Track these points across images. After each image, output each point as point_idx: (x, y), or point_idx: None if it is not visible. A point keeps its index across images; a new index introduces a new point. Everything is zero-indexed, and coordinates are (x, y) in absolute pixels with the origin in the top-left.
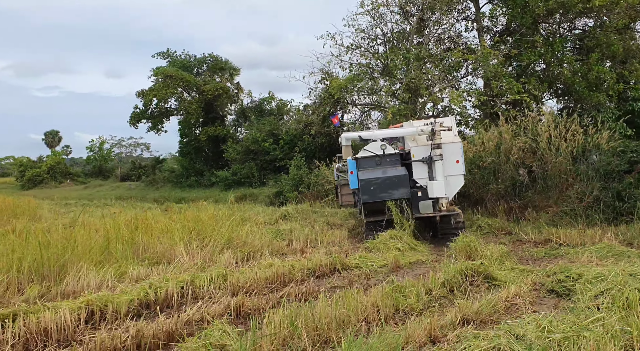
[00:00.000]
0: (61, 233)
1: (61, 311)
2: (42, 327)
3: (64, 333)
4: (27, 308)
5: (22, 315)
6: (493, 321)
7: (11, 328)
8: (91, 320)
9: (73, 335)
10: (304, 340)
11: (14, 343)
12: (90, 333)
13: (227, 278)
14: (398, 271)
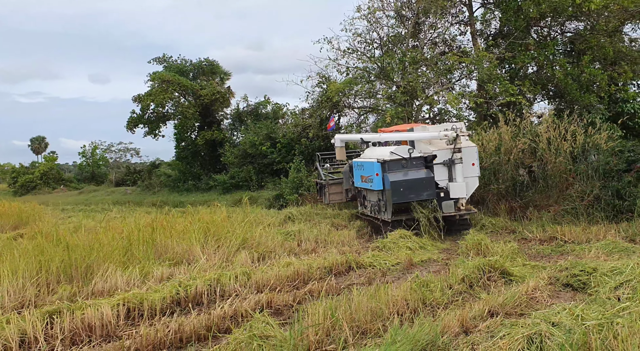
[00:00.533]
0: (85, 235)
1: (102, 308)
2: (87, 323)
3: (107, 328)
4: (70, 306)
5: (66, 312)
6: (517, 313)
7: (59, 324)
8: (129, 317)
9: (115, 330)
10: (345, 330)
11: (62, 337)
12: (130, 328)
13: (250, 276)
14: (412, 269)
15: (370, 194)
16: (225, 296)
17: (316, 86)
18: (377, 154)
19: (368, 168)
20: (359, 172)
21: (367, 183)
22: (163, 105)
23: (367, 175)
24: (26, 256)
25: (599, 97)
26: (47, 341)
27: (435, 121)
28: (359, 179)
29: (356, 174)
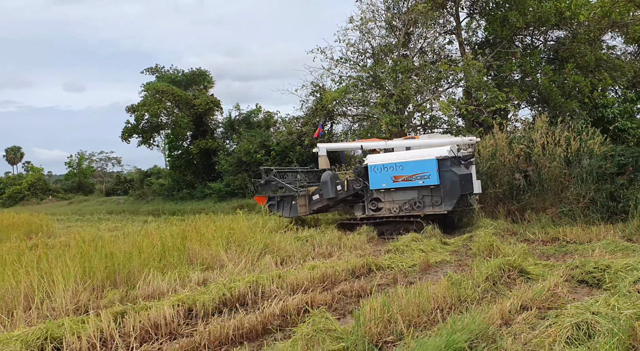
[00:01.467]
0: (125, 243)
1: (163, 308)
2: (153, 322)
3: (170, 327)
4: (133, 307)
5: (132, 312)
6: (546, 307)
7: (131, 323)
8: (186, 316)
9: (177, 328)
10: (400, 323)
11: (136, 335)
12: (189, 327)
13: (284, 279)
14: (429, 270)
15: (401, 193)
16: (265, 297)
17: (310, 95)
18: (386, 157)
19: (416, 167)
20: (390, 173)
21: (412, 180)
22: (157, 115)
23: (411, 174)
24: (73, 263)
25: (581, 103)
26: (121, 338)
27: (426, 128)
28: (388, 181)
29: (380, 177)
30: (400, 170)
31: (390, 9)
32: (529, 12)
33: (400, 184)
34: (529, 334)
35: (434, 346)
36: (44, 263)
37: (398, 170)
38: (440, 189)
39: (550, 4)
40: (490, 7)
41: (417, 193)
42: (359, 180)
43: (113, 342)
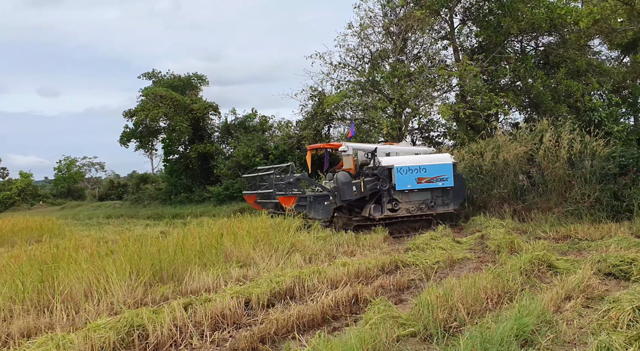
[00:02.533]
0: (169, 241)
1: (226, 300)
2: (220, 312)
3: (234, 317)
4: (197, 299)
5: (197, 304)
6: (585, 297)
7: (201, 313)
8: (245, 308)
9: (239, 318)
10: (461, 310)
11: (208, 323)
12: (251, 317)
13: (323, 274)
14: (454, 266)
15: (418, 194)
16: (309, 291)
17: (309, 99)
18: (407, 160)
19: (436, 170)
20: (415, 175)
21: (434, 182)
22: (157, 119)
23: (433, 176)
24: (123, 261)
25: (570, 107)
26: (194, 326)
27: (423, 131)
28: (413, 182)
29: (405, 179)
30: (423, 172)
31: (387, 15)
32: (522, 19)
33: (423, 185)
34: (581, 320)
35: (508, 329)
36: (97, 261)
37: (422, 172)
38: (450, 190)
39: (542, 11)
40: (483, 14)
41: (430, 194)
42: (384, 180)
43: (187, 330)
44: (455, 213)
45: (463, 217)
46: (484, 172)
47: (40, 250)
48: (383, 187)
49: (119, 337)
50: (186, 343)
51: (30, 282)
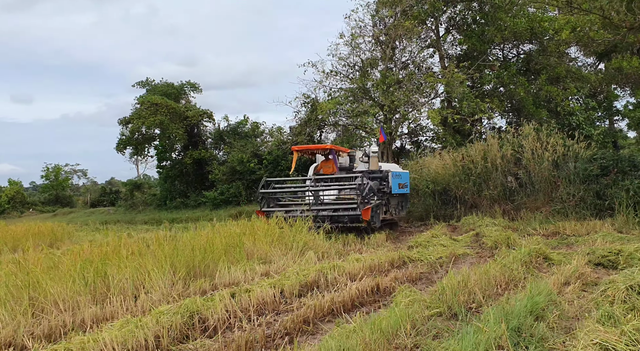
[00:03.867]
0: (199, 240)
1: (266, 289)
2: (261, 300)
3: (273, 304)
4: (239, 289)
5: (240, 293)
6: (582, 282)
7: (246, 300)
8: (282, 296)
9: (277, 305)
10: (478, 294)
11: (255, 308)
12: (287, 304)
13: (341, 269)
14: (457, 261)
15: (396, 198)
16: (332, 283)
17: (302, 106)
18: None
19: (405, 176)
20: (397, 180)
21: (404, 188)
22: (153, 127)
23: (403, 182)
24: (163, 257)
25: (549, 112)
26: (242, 312)
27: (412, 135)
28: (396, 187)
29: (394, 183)
30: (400, 178)
31: (376, 24)
32: (505, 28)
33: (401, 190)
34: (580, 300)
35: (522, 307)
36: (138, 259)
37: (400, 178)
38: (407, 196)
39: (523, 20)
40: (467, 23)
41: (398, 199)
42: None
43: (236, 315)
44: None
45: (456, 217)
46: (475, 175)
47: (82, 251)
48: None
49: (182, 320)
50: (238, 326)
51: (87, 277)
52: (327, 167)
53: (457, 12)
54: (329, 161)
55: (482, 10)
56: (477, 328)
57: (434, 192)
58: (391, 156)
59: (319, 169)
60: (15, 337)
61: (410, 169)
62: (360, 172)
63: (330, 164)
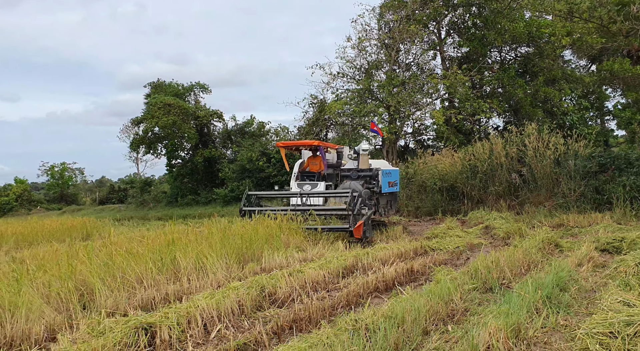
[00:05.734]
0: (246, 230)
1: (317, 271)
2: (313, 279)
3: (323, 283)
4: (292, 270)
5: (297, 273)
6: (592, 265)
7: (303, 278)
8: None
9: (327, 285)
10: (507, 272)
11: (310, 286)
12: (335, 284)
13: (373, 255)
14: (474, 249)
15: (385, 197)
16: (367, 268)
17: (309, 106)
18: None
19: (394, 174)
20: (387, 179)
21: (394, 187)
22: (166, 127)
23: (393, 180)
24: (218, 244)
25: (545, 112)
26: (301, 288)
27: (416, 134)
28: (386, 185)
29: (384, 182)
30: (390, 177)
31: (382, 28)
32: (505, 32)
33: (391, 189)
34: (595, 277)
35: (549, 280)
36: (196, 246)
37: (389, 177)
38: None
39: (521, 24)
40: (467, 27)
41: (387, 198)
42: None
43: (295, 291)
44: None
45: (463, 212)
46: (481, 172)
47: (151, 238)
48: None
49: (256, 293)
50: (299, 300)
51: (163, 260)
52: (313, 164)
53: (458, 16)
54: (316, 158)
55: (481, 14)
56: (519, 294)
57: (441, 188)
58: (396, 155)
59: (305, 167)
60: (117, 307)
61: (417, 167)
62: (349, 170)
63: (317, 161)
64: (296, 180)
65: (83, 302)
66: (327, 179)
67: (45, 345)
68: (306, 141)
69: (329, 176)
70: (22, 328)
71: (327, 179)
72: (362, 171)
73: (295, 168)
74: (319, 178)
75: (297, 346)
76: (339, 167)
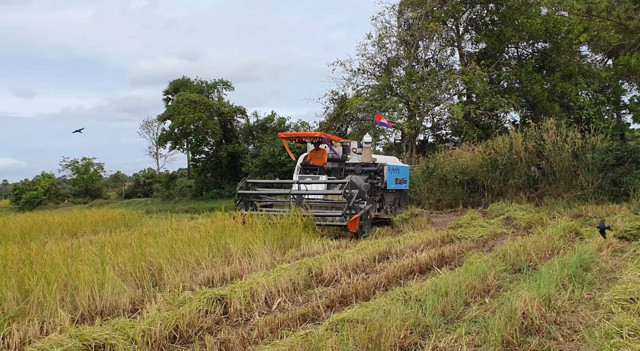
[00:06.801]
0: (285, 220)
1: (356, 255)
2: (352, 263)
3: (362, 265)
4: (333, 255)
5: (337, 257)
6: (611, 250)
7: (343, 262)
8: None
9: (365, 268)
10: (533, 256)
11: (351, 268)
12: (373, 268)
13: (404, 243)
14: (497, 238)
15: (392, 194)
16: (400, 253)
17: (330, 102)
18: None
19: (404, 171)
20: (394, 175)
21: (402, 184)
22: (192, 123)
23: (402, 177)
24: (262, 232)
25: (562, 107)
26: (343, 270)
27: (434, 129)
28: (392, 182)
29: (390, 178)
30: (397, 173)
31: (401, 26)
32: (522, 29)
33: (398, 186)
34: (614, 260)
35: (573, 261)
36: (243, 233)
37: (397, 173)
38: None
39: (538, 21)
40: (486, 23)
41: (395, 195)
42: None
43: (338, 272)
44: None
45: (483, 204)
46: (501, 165)
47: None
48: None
49: (305, 274)
50: (342, 280)
51: (213, 246)
52: (316, 158)
53: (476, 12)
54: (319, 151)
55: (498, 11)
56: (547, 272)
57: (462, 181)
58: (415, 149)
59: (308, 160)
60: (183, 284)
61: (438, 161)
62: (354, 165)
63: (321, 155)
64: (299, 173)
65: (154, 280)
66: (331, 173)
67: (130, 315)
68: (308, 133)
69: (333, 171)
70: (110, 300)
71: (331, 174)
72: (366, 166)
73: (299, 162)
74: (322, 171)
75: (359, 311)
76: (343, 161)
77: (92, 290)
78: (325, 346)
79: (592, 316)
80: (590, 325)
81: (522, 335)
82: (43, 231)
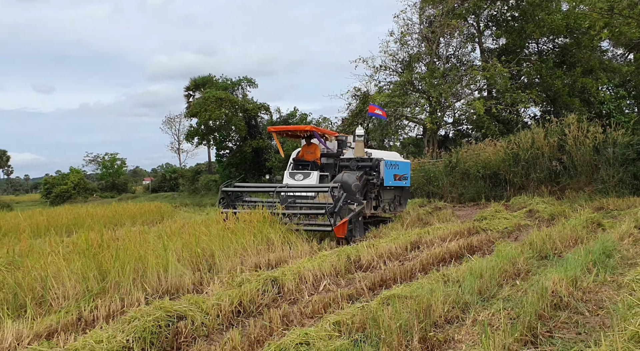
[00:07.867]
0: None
1: (390, 244)
2: (387, 251)
3: (395, 254)
4: (368, 244)
5: (367, 247)
6: (632, 239)
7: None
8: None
9: (399, 256)
10: (558, 244)
11: (386, 256)
12: (405, 256)
13: (433, 233)
14: (521, 229)
15: (391, 192)
16: (430, 243)
17: (352, 98)
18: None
19: (404, 167)
20: (392, 171)
21: (402, 180)
22: (219, 119)
23: (401, 174)
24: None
25: (582, 101)
26: (379, 258)
27: (455, 124)
28: (390, 178)
29: (388, 174)
30: (397, 169)
31: (423, 22)
32: (543, 25)
33: (398, 182)
34: (635, 248)
35: (597, 248)
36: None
37: (396, 168)
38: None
39: (558, 16)
40: (506, 20)
41: (394, 193)
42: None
43: (374, 259)
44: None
45: (506, 197)
46: (523, 160)
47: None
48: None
49: (344, 260)
50: (379, 267)
51: (257, 235)
52: (308, 153)
53: (496, 8)
54: (311, 146)
55: (519, 6)
56: (573, 257)
57: (484, 176)
58: (437, 144)
59: (300, 155)
60: (234, 269)
61: (460, 156)
62: (348, 160)
63: (313, 150)
64: (290, 170)
65: (208, 265)
66: (325, 169)
67: (193, 294)
68: (299, 126)
69: (327, 166)
70: (174, 281)
71: (325, 169)
72: (362, 161)
73: (291, 157)
74: (314, 167)
75: (405, 289)
76: (338, 156)
77: (158, 273)
78: (383, 314)
79: (615, 295)
80: (614, 302)
81: (553, 310)
82: (87, 222)
